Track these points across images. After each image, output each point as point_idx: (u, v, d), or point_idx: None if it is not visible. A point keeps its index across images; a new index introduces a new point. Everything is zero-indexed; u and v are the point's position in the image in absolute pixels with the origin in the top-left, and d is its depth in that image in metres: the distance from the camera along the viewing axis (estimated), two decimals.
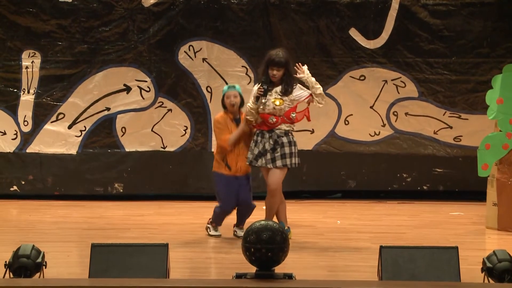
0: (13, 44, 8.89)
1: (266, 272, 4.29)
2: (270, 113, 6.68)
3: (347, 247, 6.68)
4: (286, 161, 6.67)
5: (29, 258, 4.67)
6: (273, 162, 6.68)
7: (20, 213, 8.36)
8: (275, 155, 6.67)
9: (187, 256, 6.36)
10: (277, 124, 6.68)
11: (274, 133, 6.70)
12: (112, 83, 8.95)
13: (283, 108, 6.67)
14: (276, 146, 6.68)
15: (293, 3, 8.87)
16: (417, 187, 9.05)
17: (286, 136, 6.70)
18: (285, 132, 6.71)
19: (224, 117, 6.92)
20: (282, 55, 6.71)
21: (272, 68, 6.68)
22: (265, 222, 4.34)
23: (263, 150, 6.70)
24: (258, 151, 6.72)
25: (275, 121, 6.68)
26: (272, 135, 6.70)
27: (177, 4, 8.89)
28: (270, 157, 6.68)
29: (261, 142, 6.72)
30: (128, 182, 9.00)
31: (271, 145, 6.68)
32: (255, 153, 6.73)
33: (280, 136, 6.69)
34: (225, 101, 6.90)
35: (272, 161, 6.68)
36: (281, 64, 6.66)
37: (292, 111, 6.71)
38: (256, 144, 6.75)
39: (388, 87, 8.95)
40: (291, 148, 6.70)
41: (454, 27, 8.87)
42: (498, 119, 7.42)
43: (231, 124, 6.88)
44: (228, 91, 6.94)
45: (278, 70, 6.67)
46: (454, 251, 4.77)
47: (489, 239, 7.18)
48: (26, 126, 8.95)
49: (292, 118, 6.70)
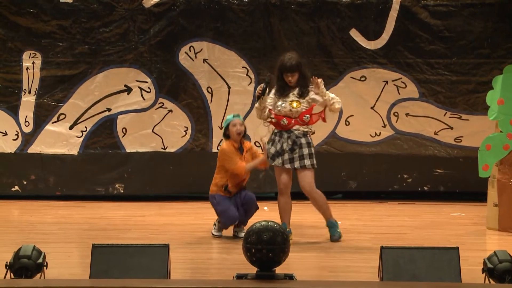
0: (14, 44, 8.89)
1: (267, 272, 4.30)
2: (285, 115, 6.70)
3: (348, 247, 6.68)
4: (305, 162, 6.70)
5: (30, 258, 4.67)
6: (291, 163, 6.71)
7: (21, 214, 8.36)
8: (293, 156, 6.69)
9: (188, 257, 6.36)
10: (289, 126, 6.71)
11: (292, 134, 6.72)
12: (113, 84, 8.96)
13: (299, 110, 6.69)
14: (295, 147, 6.70)
15: (293, 4, 8.88)
16: (418, 187, 9.05)
17: (304, 137, 6.73)
18: (303, 133, 6.74)
19: (230, 146, 6.95)
20: (294, 59, 6.74)
21: (287, 75, 6.72)
22: (266, 223, 4.35)
23: (280, 150, 6.72)
24: (276, 150, 6.74)
25: (287, 123, 6.70)
26: (290, 136, 6.72)
27: (178, 5, 8.89)
28: (288, 157, 6.71)
29: (279, 142, 6.74)
30: (129, 183, 9.00)
31: (289, 145, 6.70)
32: (272, 152, 6.75)
33: (298, 137, 6.72)
34: (230, 130, 6.94)
35: (290, 161, 6.71)
36: (293, 68, 6.69)
37: (306, 113, 6.72)
38: (273, 144, 6.77)
39: (388, 88, 8.96)
40: (310, 149, 6.74)
41: (454, 28, 8.87)
42: (499, 119, 7.42)
43: (238, 153, 6.93)
44: (233, 119, 6.97)
45: (292, 76, 6.71)
46: (454, 251, 4.77)
47: (489, 239, 7.18)
48: (27, 127, 8.95)
49: (305, 120, 6.72)
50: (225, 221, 6.98)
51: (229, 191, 6.95)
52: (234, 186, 6.98)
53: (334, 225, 6.88)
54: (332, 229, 6.86)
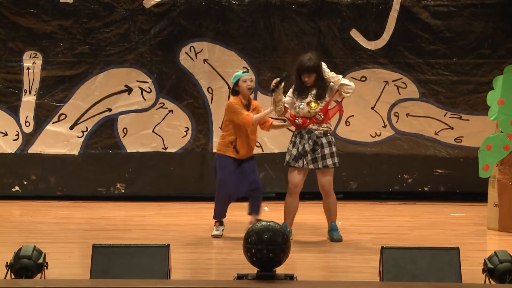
0: (15, 45, 8.90)
1: (267, 273, 4.30)
2: (302, 116, 6.70)
3: (348, 248, 6.68)
4: (328, 161, 6.71)
5: (31, 259, 4.68)
6: (314, 163, 6.71)
7: (22, 214, 8.36)
8: (315, 156, 6.71)
9: (188, 257, 6.36)
10: (304, 125, 6.71)
11: (313, 134, 6.73)
12: (114, 84, 8.96)
13: (317, 111, 6.70)
14: (316, 147, 6.71)
15: (294, 4, 8.88)
16: (418, 188, 9.05)
17: (325, 137, 6.75)
18: (323, 133, 6.74)
19: (238, 100, 6.91)
20: (312, 60, 6.72)
21: (303, 75, 6.71)
22: (266, 223, 4.35)
23: (303, 151, 6.73)
24: (298, 152, 6.74)
25: (302, 122, 6.71)
26: (311, 136, 6.73)
27: (178, 5, 8.89)
28: (310, 157, 6.71)
29: (300, 143, 6.75)
30: (130, 183, 9.00)
31: (311, 146, 6.71)
32: (293, 153, 6.76)
33: (319, 137, 6.73)
34: (240, 85, 6.88)
35: (313, 161, 6.72)
36: (310, 69, 6.68)
37: (320, 112, 6.71)
38: (294, 145, 6.77)
39: (389, 88, 8.96)
40: (331, 148, 6.75)
41: (455, 28, 8.87)
42: (499, 120, 7.42)
43: (243, 108, 6.89)
44: (243, 75, 6.94)
45: (309, 76, 6.70)
46: (455, 252, 4.77)
47: (490, 240, 7.18)
48: (27, 127, 8.96)
49: (319, 118, 6.72)
50: (218, 193, 6.94)
51: (237, 150, 6.90)
52: (243, 146, 6.91)
53: (336, 228, 6.88)
54: (334, 231, 6.86)
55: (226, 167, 6.92)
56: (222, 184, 6.94)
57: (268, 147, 9.05)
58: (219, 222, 7.02)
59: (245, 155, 6.93)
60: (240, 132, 6.91)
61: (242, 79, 6.91)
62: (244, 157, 6.93)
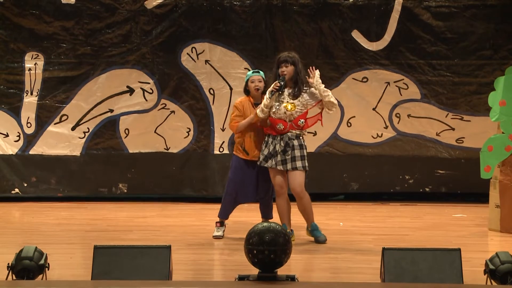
0: (16, 46, 8.91)
1: (269, 274, 4.30)
2: (279, 118, 6.70)
3: (350, 249, 6.68)
4: (297, 163, 6.69)
5: (32, 260, 4.68)
6: (283, 164, 6.70)
7: (23, 215, 8.37)
8: (286, 158, 6.70)
9: (190, 258, 6.36)
10: (285, 130, 6.71)
11: (285, 135, 6.73)
12: (115, 85, 8.97)
13: (293, 114, 6.69)
14: (287, 149, 6.71)
15: (295, 5, 8.88)
16: (420, 189, 9.04)
17: (297, 139, 6.73)
18: (296, 135, 6.74)
19: (244, 102, 6.92)
20: (291, 54, 6.80)
21: (281, 66, 6.73)
22: (267, 224, 4.35)
23: (273, 152, 6.73)
24: (268, 151, 6.75)
25: (283, 128, 6.71)
26: (283, 137, 6.73)
27: (180, 6, 8.90)
28: (280, 159, 6.71)
29: (272, 143, 6.74)
30: (131, 184, 9.01)
31: (282, 147, 6.71)
32: (265, 153, 6.77)
33: (291, 139, 6.72)
34: (249, 86, 6.92)
35: (283, 163, 6.70)
36: (288, 61, 6.71)
37: (301, 118, 6.71)
38: (266, 145, 6.78)
39: (390, 89, 8.95)
40: (302, 151, 6.73)
41: (456, 29, 8.87)
42: (501, 121, 7.41)
43: (252, 109, 6.88)
44: (252, 75, 6.95)
45: (286, 67, 6.71)
46: (456, 253, 4.77)
47: (491, 241, 7.18)
48: (29, 128, 8.96)
49: (300, 125, 6.72)
50: (225, 192, 6.96)
51: (246, 151, 6.89)
52: (251, 147, 6.88)
53: (317, 227, 6.87)
54: (317, 231, 6.85)
55: (236, 168, 6.94)
56: (229, 183, 6.98)
57: None
58: (220, 223, 7.02)
59: (257, 156, 6.88)
60: (247, 133, 6.90)
61: (251, 79, 6.93)
62: (256, 158, 6.88)
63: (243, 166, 6.91)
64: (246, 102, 6.93)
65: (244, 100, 6.95)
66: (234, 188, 6.93)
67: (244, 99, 6.97)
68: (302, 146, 6.75)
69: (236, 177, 6.92)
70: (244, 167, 6.92)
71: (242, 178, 6.91)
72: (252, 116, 6.82)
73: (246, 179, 6.91)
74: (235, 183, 6.92)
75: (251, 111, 6.87)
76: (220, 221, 7.04)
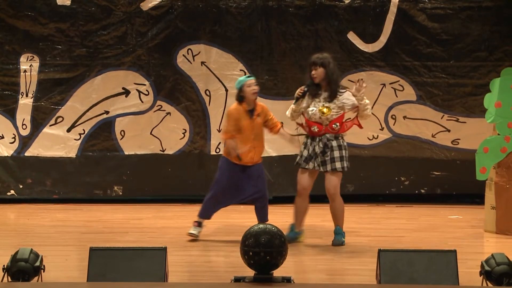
0: (12, 47, 8.89)
1: (265, 275, 4.29)
2: (315, 122, 6.68)
3: (346, 250, 6.68)
4: (336, 164, 6.68)
5: (27, 262, 4.66)
6: (323, 166, 6.70)
7: (19, 217, 8.36)
8: (325, 159, 6.69)
9: (186, 260, 6.36)
10: (320, 133, 6.69)
11: (323, 137, 6.72)
12: (111, 87, 8.96)
13: (329, 117, 6.67)
14: (326, 150, 6.70)
15: (291, 7, 8.88)
16: (415, 190, 9.05)
17: (336, 140, 6.72)
18: (335, 136, 6.72)
19: (238, 110, 6.84)
20: (322, 55, 6.76)
21: (312, 68, 6.70)
22: (263, 226, 4.35)
23: (313, 153, 6.71)
24: (308, 153, 6.73)
25: (318, 130, 6.69)
26: (322, 138, 6.72)
27: (176, 8, 8.90)
28: (320, 160, 6.70)
29: (311, 145, 6.73)
30: (127, 185, 9.00)
31: (321, 148, 6.69)
32: (304, 155, 6.75)
33: (330, 140, 6.71)
34: (246, 90, 6.80)
35: (323, 164, 6.70)
36: (317, 63, 6.67)
37: (336, 121, 6.70)
38: (305, 147, 6.76)
39: (386, 91, 8.96)
40: (341, 151, 6.72)
41: (452, 31, 8.88)
42: (496, 122, 7.42)
43: (245, 116, 6.82)
44: (247, 80, 6.86)
45: (316, 69, 6.68)
46: (452, 254, 4.77)
47: (487, 242, 7.19)
48: (24, 130, 8.95)
49: (335, 128, 6.70)
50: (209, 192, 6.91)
51: (239, 156, 6.82)
52: (244, 153, 6.82)
53: (339, 231, 6.84)
54: (337, 235, 6.82)
55: (225, 170, 6.88)
56: (215, 185, 6.92)
57: (266, 150, 9.03)
58: (198, 223, 6.95)
59: (250, 161, 6.85)
60: (241, 139, 6.83)
61: (247, 84, 6.81)
62: (249, 163, 6.86)
63: (233, 170, 6.84)
64: (240, 110, 6.83)
65: (239, 108, 6.85)
66: (219, 191, 6.88)
67: (238, 106, 6.86)
68: (341, 146, 6.73)
69: (223, 179, 6.86)
70: (232, 171, 6.85)
71: (229, 181, 6.85)
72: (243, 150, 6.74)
73: (233, 182, 6.85)
74: (221, 185, 6.86)
75: (246, 119, 6.80)
76: (198, 221, 6.97)
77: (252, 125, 6.81)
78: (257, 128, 6.83)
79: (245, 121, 6.80)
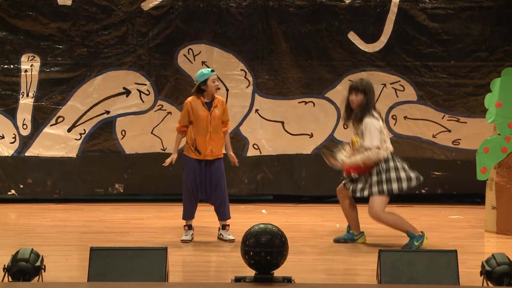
0: (12, 47, 8.90)
1: (265, 275, 4.29)
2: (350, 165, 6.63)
3: (346, 250, 6.68)
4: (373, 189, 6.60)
5: (28, 261, 4.67)
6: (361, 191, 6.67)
7: (19, 217, 8.36)
8: (365, 186, 6.65)
9: (186, 260, 6.36)
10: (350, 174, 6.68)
11: None
12: (112, 87, 8.96)
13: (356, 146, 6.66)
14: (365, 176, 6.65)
15: (292, 7, 8.88)
16: (416, 190, 9.03)
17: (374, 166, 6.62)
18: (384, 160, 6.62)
19: (195, 102, 6.85)
20: (364, 81, 6.70)
21: (351, 92, 6.65)
22: (264, 226, 4.35)
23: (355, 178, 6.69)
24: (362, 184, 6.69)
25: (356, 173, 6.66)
26: None
27: (176, 8, 8.90)
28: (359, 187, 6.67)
29: None
30: (128, 185, 9.00)
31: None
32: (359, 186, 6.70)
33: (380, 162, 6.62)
34: (209, 85, 6.80)
35: (361, 190, 6.68)
36: (359, 88, 6.59)
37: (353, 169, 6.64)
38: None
39: (387, 91, 8.96)
40: (380, 176, 6.60)
41: (452, 31, 8.88)
42: (497, 122, 7.42)
43: (202, 108, 6.83)
44: (212, 74, 6.85)
45: (356, 95, 6.61)
46: (453, 254, 4.77)
47: (488, 242, 7.18)
48: (25, 130, 8.95)
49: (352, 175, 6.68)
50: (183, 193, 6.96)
51: (198, 150, 6.86)
52: (203, 146, 6.85)
53: (412, 235, 6.74)
54: (410, 239, 6.74)
55: (190, 168, 6.91)
56: (184, 184, 6.97)
57: (266, 149, 9.05)
58: (188, 226, 7.00)
59: (210, 155, 6.86)
60: (198, 131, 6.86)
61: (211, 78, 6.83)
62: (209, 157, 6.87)
63: (195, 166, 6.89)
64: (196, 102, 6.85)
65: (195, 100, 6.86)
66: (190, 188, 6.92)
67: (195, 99, 6.86)
68: (379, 172, 6.62)
69: (190, 177, 6.90)
70: (196, 167, 6.89)
71: (195, 177, 6.88)
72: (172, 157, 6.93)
73: (200, 177, 6.89)
74: (190, 182, 6.90)
75: (203, 111, 6.81)
76: (187, 224, 7.01)
77: (209, 117, 6.83)
78: (215, 120, 6.85)
79: (202, 112, 6.82)
